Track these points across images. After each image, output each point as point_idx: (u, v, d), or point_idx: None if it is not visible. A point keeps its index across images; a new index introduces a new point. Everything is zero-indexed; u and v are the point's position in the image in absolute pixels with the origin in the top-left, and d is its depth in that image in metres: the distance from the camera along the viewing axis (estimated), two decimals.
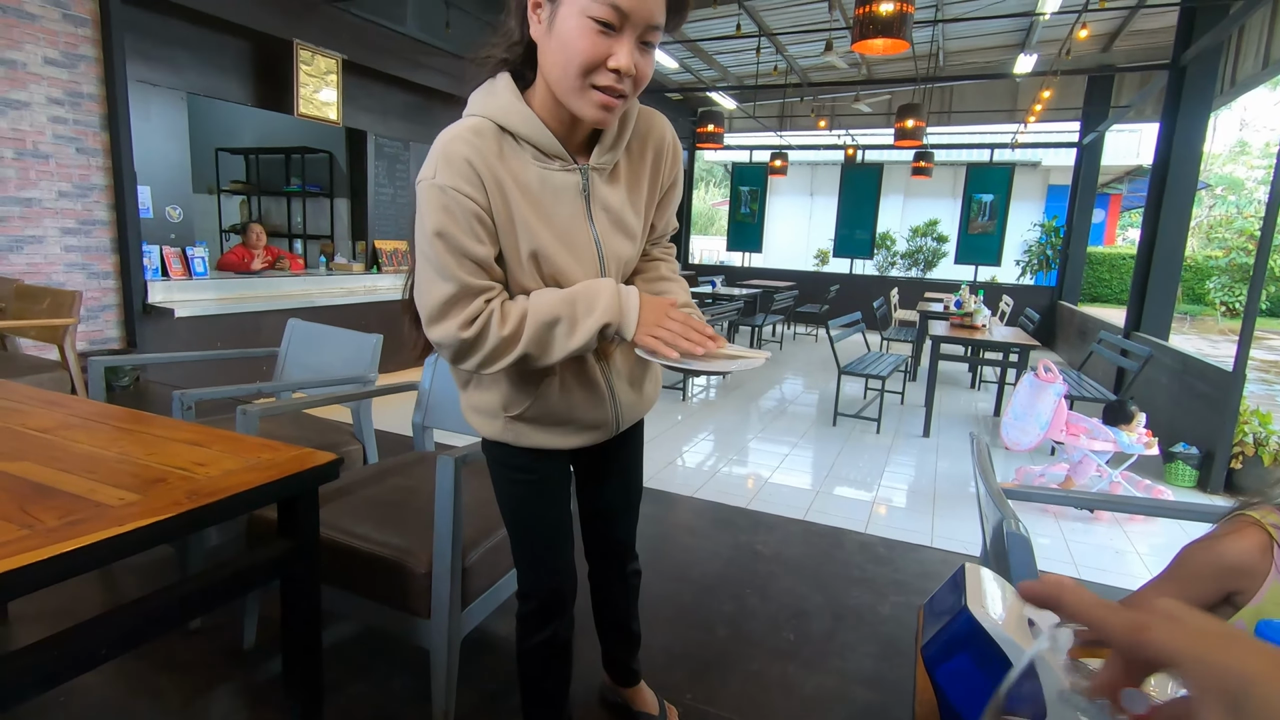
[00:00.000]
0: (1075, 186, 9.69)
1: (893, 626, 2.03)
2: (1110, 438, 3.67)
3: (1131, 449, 3.66)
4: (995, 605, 0.66)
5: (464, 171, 0.97)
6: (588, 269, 1.09)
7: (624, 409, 1.21)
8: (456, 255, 0.97)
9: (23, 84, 3.65)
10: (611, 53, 0.92)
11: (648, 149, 1.19)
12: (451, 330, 0.99)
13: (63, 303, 3.10)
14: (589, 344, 1.03)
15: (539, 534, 1.23)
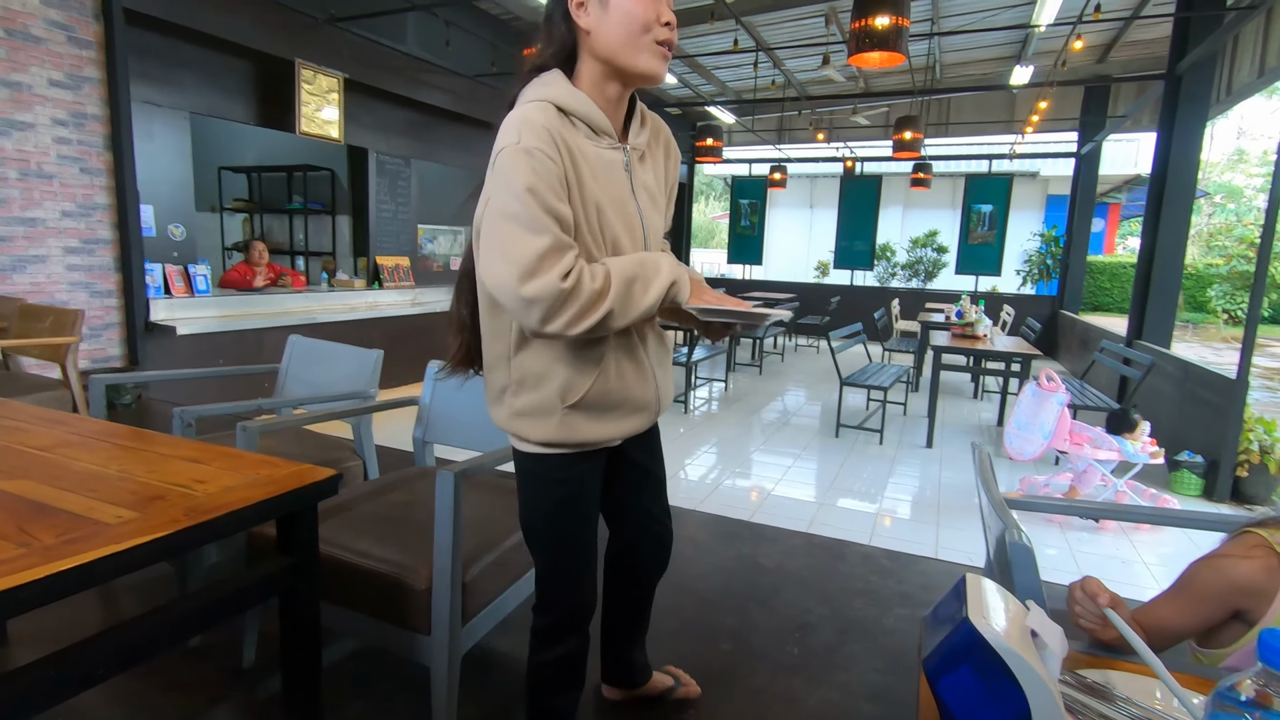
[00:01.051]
0: (1074, 196, 9.71)
1: (897, 639, 2.01)
2: (1114, 447, 3.65)
3: (1136, 458, 3.63)
4: (997, 616, 0.65)
5: (544, 138, 1.05)
6: (635, 241, 1.19)
7: (661, 390, 1.30)
8: (547, 211, 1.02)
9: (28, 105, 3.69)
10: (659, 11, 1.11)
11: (659, 144, 1.32)
12: (552, 281, 1.00)
13: (65, 321, 3.12)
14: (656, 305, 1.11)
15: (572, 547, 1.25)
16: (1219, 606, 0.97)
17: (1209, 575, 0.98)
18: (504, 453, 1.62)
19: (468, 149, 7.29)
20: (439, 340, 6.45)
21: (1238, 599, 0.95)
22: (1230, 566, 0.96)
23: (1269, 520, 1.00)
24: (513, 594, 1.67)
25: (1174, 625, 1.00)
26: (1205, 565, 1.00)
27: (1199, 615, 0.99)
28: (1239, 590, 0.95)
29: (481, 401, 2.04)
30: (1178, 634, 1.01)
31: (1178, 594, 1.01)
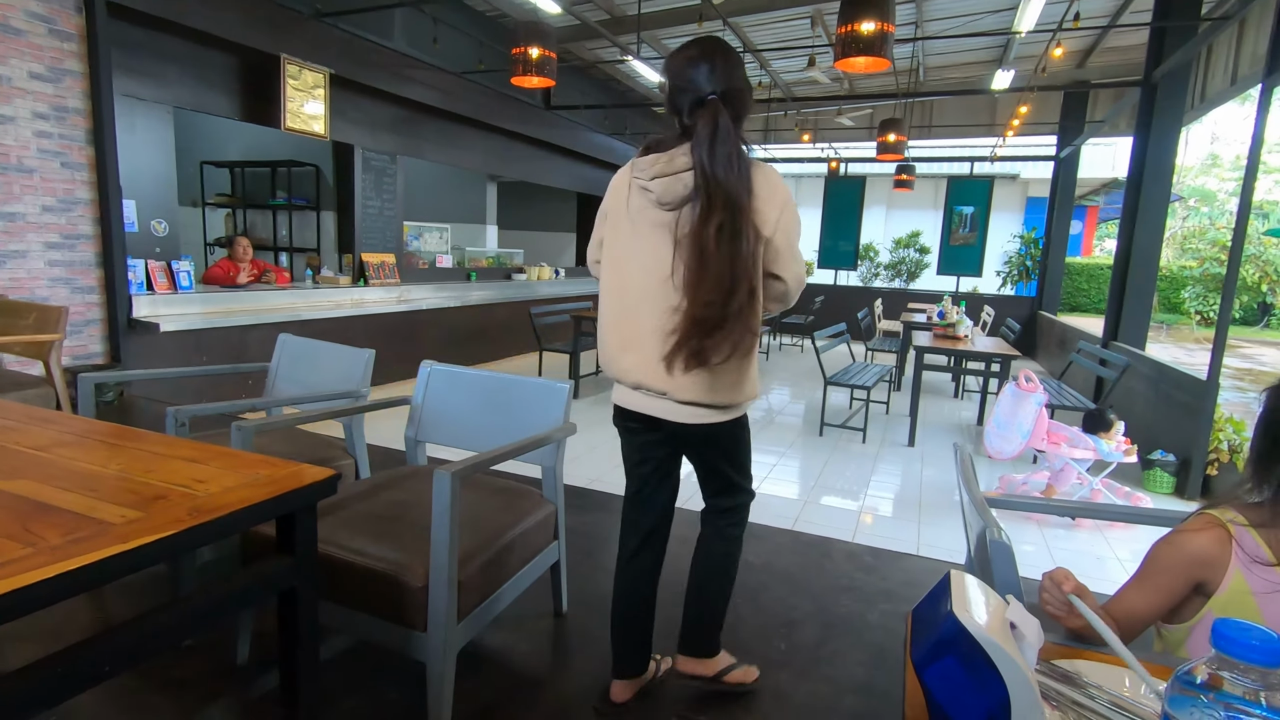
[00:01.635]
0: (1053, 198, 9.88)
1: (881, 634, 2.06)
2: (1090, 446, 3.75)
3: (1110, 457, 3.74)
4: (980, 610, 0.70)
5: None
6: None
7: None
8: None
9: (7, 98, 3.64)
10: None
11: None
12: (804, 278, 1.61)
13: (49, 318, 3.08)
14: None
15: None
16: (1180, 580, 1.05)
17: (1167, 550, 1.06)
18: (498, 453, 1.65)
19: (454, 145, 7.27)
20: (426, 337, 6.45)
21: (1195, 570, 1.03)
22: (1186, 540, 1.04)
23: (1217, 501, 1.08)
24: (506, 591, 1.69)
25: (1142, 609, 1.06)
26: (1163, 543, 1.07)
27: (1163, 593, 1.06)
28: (1195, 561, 1.03)
29: (473, 402, 2.06)
30: (1146, 617, 1.07)
31: (1142, 578, 1.08)
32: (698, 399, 1.53)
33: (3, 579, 0.87)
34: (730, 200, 1.39)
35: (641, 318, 1.53)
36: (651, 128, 10.78)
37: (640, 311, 1.53)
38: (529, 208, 11.87)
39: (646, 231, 1.52)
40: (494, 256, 9.14)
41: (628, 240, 1.56)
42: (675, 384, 1.52)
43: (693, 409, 1.55)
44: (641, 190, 1.52)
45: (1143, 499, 4.01)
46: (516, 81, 4.21)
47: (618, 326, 1.58)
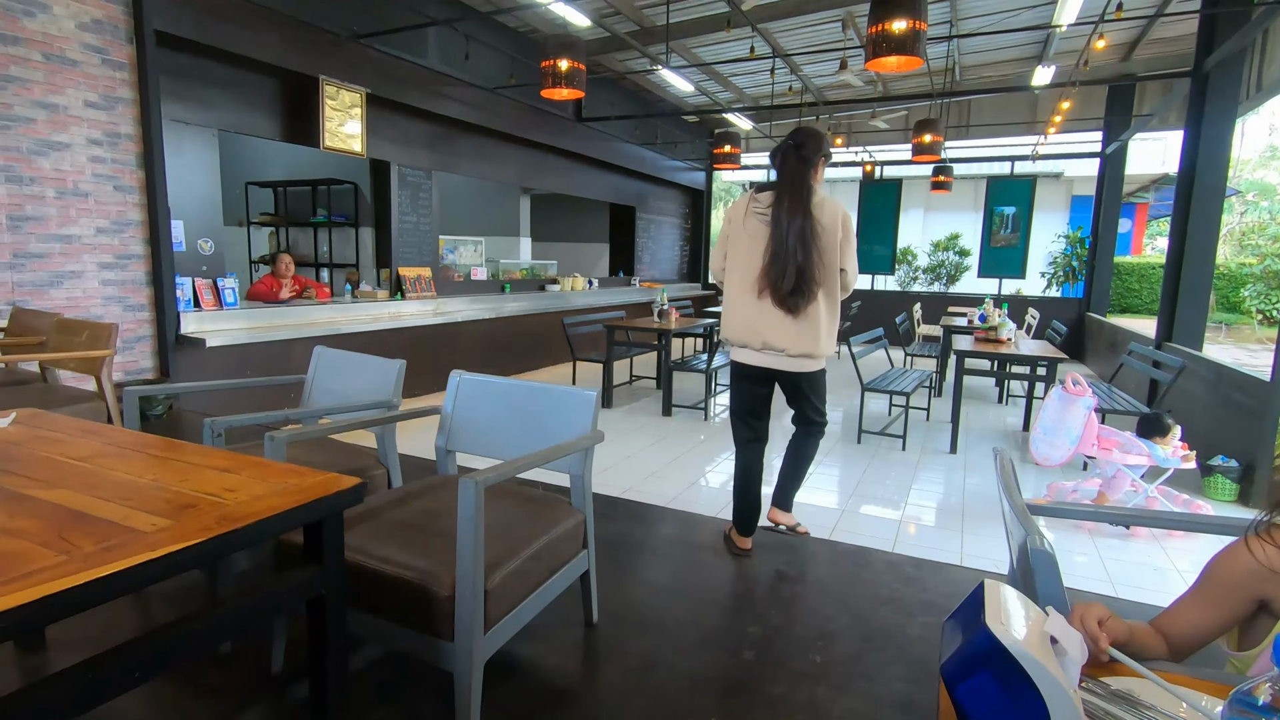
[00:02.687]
0: (1099, 196, 9.56)
1: (922, 648, 1.99)
2: (1144, 451, 3.59)
3: (1167, 463, 3.56)
4: (1017, 623, 0.65)
5: None
6: None
7: None
8: None
9: (64, 126, 3.82)
10: None
11: None
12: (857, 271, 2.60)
13: (100, 335, 3.21)
14: None
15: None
16: (1242, 594, 0.96)
17: (1229, 561, 0.98)
18: (525, 461, 1.64)
19: (488, 159, 7.38)
20: (461, 349, 6.53)
21: (1259, 584, 0.94)
22: (1248, 551, 0.95)
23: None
24: (534, 601, 1.68)
25: (1201, 624, 0.98)
26: (1224, 554, 0.99)
27: (1223, 606, 0.98)
28: (1259, 574, 0.94)
29: (501, 411, 2.07)
30: (1205, 633, 0.99)
31: (1201, 589, 1.00)
32: (803, 352, 2.55)
33: (35, 585, 0.89)
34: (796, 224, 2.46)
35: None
36: (682, 136, 10.79)
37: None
38: (562, 219, 11.97)
39: (762, 242, 2.52)
40: (528, 268, 9.23)
41: (747, 249, 2.56)
42: (790, 344, 2.54)
43: (798, 360, 2.57)
44: (758, 215, 2.54)
45: (1203, 507, 3.82)
46: (547, 94, 4.25)
47: (746, 308, 2.58)
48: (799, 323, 2.50)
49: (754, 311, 2.53)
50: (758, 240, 2.50)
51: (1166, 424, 3.65)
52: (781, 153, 2.51)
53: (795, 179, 2.44)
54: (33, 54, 3.65)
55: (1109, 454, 3.62)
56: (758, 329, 2.53)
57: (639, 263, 10.87)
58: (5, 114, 3.58)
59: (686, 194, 12.50)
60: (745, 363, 2.63)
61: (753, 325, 2.54)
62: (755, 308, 2.53)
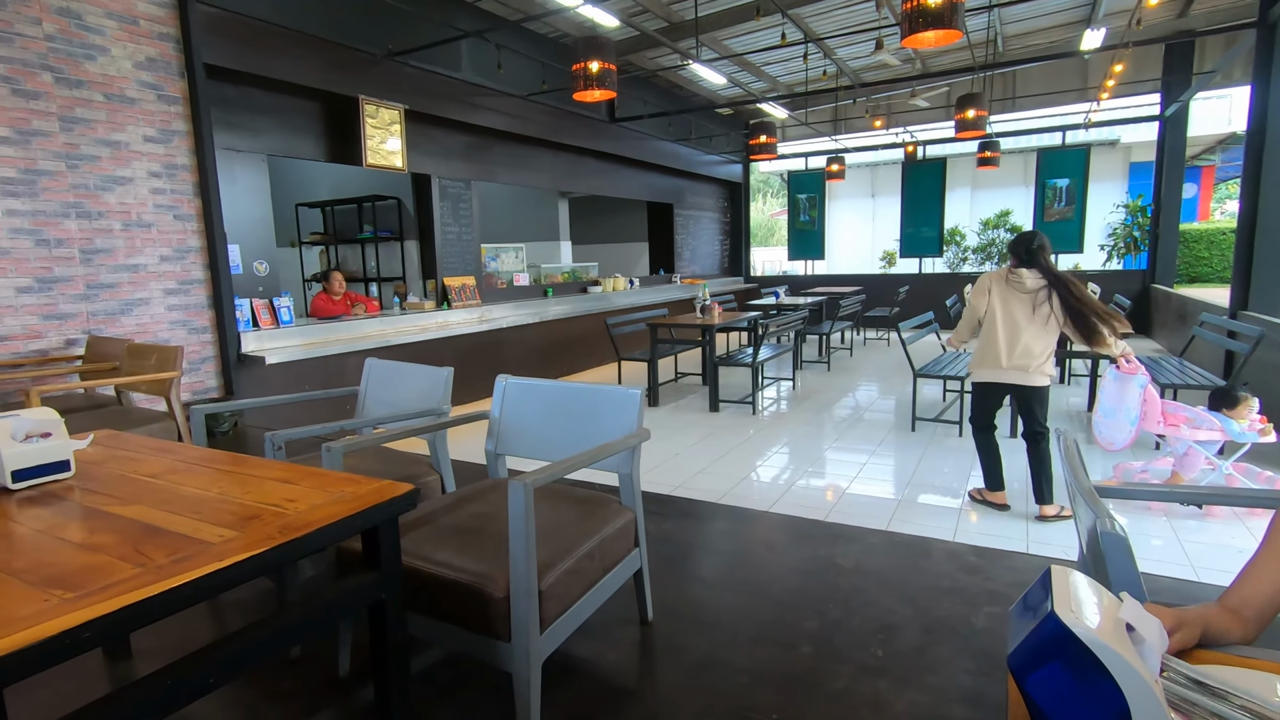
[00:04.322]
0: (1160, 162, 9.09)
1: (988, 639, 1.92)
2: (1216, 426, 3.40)
3: (1242, 438, 3.37)
4: (1089, 609, 0.62)
5: None
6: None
7: None
8: None
9: (126, 161, 4.02)
10: None
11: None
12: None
13: (167, 358, 3.37)
14: None
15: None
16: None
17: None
18: (572, 461, 1.65)
19: (524, 166, 7.47)
20: (508, 354, 6.62)
21: None
22: None
23: None
24: (589, 600, 1.69)
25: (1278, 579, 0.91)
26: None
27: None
28: None
29: (547, 413, 2.09)
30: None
31: (1272, 542, 0.93)
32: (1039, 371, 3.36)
33: (115, 596, 0.93)
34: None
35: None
36: (716, 130, 10.71)
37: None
38: (601, 221, 12.03)
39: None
40: (569, 271, 9.30)
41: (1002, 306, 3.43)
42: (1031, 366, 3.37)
43: (1034, 375, 3.36)
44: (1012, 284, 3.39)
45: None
46: (578, 97, 4.27)
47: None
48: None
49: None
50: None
51: (1237, 395, 3.46)
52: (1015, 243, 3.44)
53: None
54: (95, 95, 3.86)
55: (1177, 430, 3.43)
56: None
57: (679, 260, 10.83)
58: (73, 153, 3.79)
59: (724, 187, 12.40)
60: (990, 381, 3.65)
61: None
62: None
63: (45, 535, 1.17)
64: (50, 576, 1.00)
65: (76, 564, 1.04)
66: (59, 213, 3.76)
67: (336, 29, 5.09)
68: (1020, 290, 3.32)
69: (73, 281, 3.84)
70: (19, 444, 1.40)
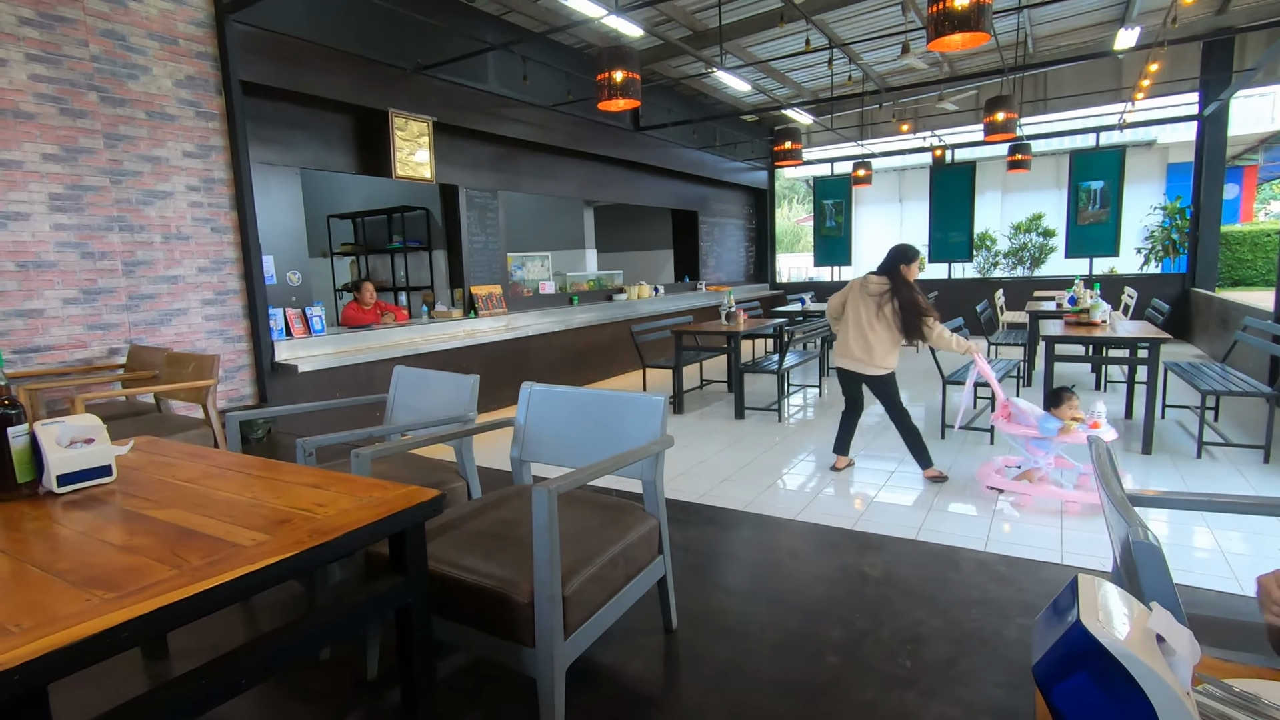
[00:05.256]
0: (1199, 162, 8.85)
1: (1020, 651, 1.88)
2: (1031, 422, 3.68)
3: (1046, 432, 3.59)
4: (1116, 619, 0.61)
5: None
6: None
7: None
8: None
9: (166, 177, 4.15)
10: None
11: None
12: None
13: (204, 366, 3.46)
14: None
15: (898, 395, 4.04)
16: None
17: None
18: (596, 468, 1.66)
19: (550, 176, 7.54)
20: (534, 362, 6.67)
21: None
22: None
23: None
24: (613, 607, 1.69)
25: None
26: None
27: None
28: None
29: (571, 420, 2.11)
30: None
31: None
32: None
33: (153, 597, 0.96)
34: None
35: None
36: (741, 136, 10.70)
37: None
38: (626, 228, 12.08)
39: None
40: (594, 279, 9.35)
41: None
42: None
43: (872, 366, 3.88)
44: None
45: (1090, 477, 3.72)
46: (603, 106, 4.30)
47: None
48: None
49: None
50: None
51: (1061, 395, 3.72)
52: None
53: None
54: (138, 113, 4.00)
55: (1001, 424, 3.82)
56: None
57: (704, 266, 10.82)
58: (117, 169, 3.93)
59: (749, 194, 12.37)
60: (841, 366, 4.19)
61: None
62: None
63: (87, 537, 1.22)
64: (92, 577, 1.04)
65: (117, 565, 1.08)
66: (103, 226, 3.89)
67: (367, 44, 5.21)
68: (867, 294, 3.87)
69: (115, 293, 3.97)
70: (64, 449, 1.45)
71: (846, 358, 3.96)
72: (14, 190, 3.55)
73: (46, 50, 3.62)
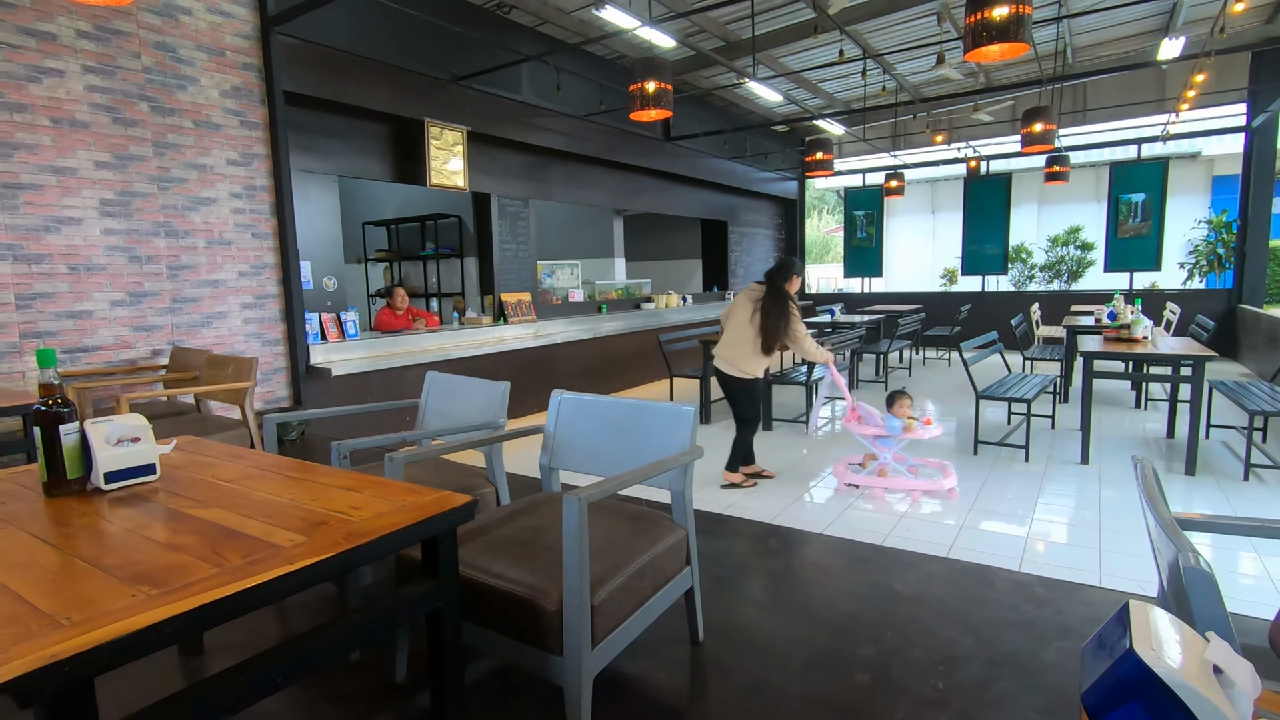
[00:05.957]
0: (1247, 175, 8.59)
1: (1058, 675, 1.82)
2: (878, 421, 4.05)
3: (892, 430, 3.99)
4: (1170, 648, 0.59)
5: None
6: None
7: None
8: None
9: (211, 183, 4.28)
10: None
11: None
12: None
13: (243, 369, 3.55)
14: None
15: (758, 404, 4.23)
16: None
17: None
18: (626, 477, 1.66)
19: (581, 185, 7.60)
20: (562, 369, 6.71)
21: None
22: None
23: None
24: (640, 617, 1.68)
25: None
26: None
27: None
28: None
29: (601, 428, 2.11)
30: None
31: None
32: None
33: (195, 595, 0.99)
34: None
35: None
36: (772, 147, 10.68)
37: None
38: (655, 238, 12.11)
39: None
40: (623, 288, 9.38)
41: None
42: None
43: (737, 369, 4.03)
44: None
45: (951, 470, 4.11)
46: (635, 116, 4.33)
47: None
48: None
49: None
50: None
51: (895, 396, 4.14)
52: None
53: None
54: (185, 122, 4.13)
55: (852, 425, 4.13)
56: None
57: (733, 277, 10.80)
58: (164, 176, 4.06)
59: (779, 204, 12.32)
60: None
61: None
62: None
63: (133, 534, 1.25)
64: (137, 573, 1.06)
65: (161, 562, 1.11)
66: (150, 231, 4.02)
67: (405, 56, 5.32)
68: (748, 300, 4.04)
69: (160, 296, 4.09)
70: (112, 448, 1.50)
71: (719, 358, 4.14)
72: (68, 196, 3.69)
73: (101, 62, 3.76)
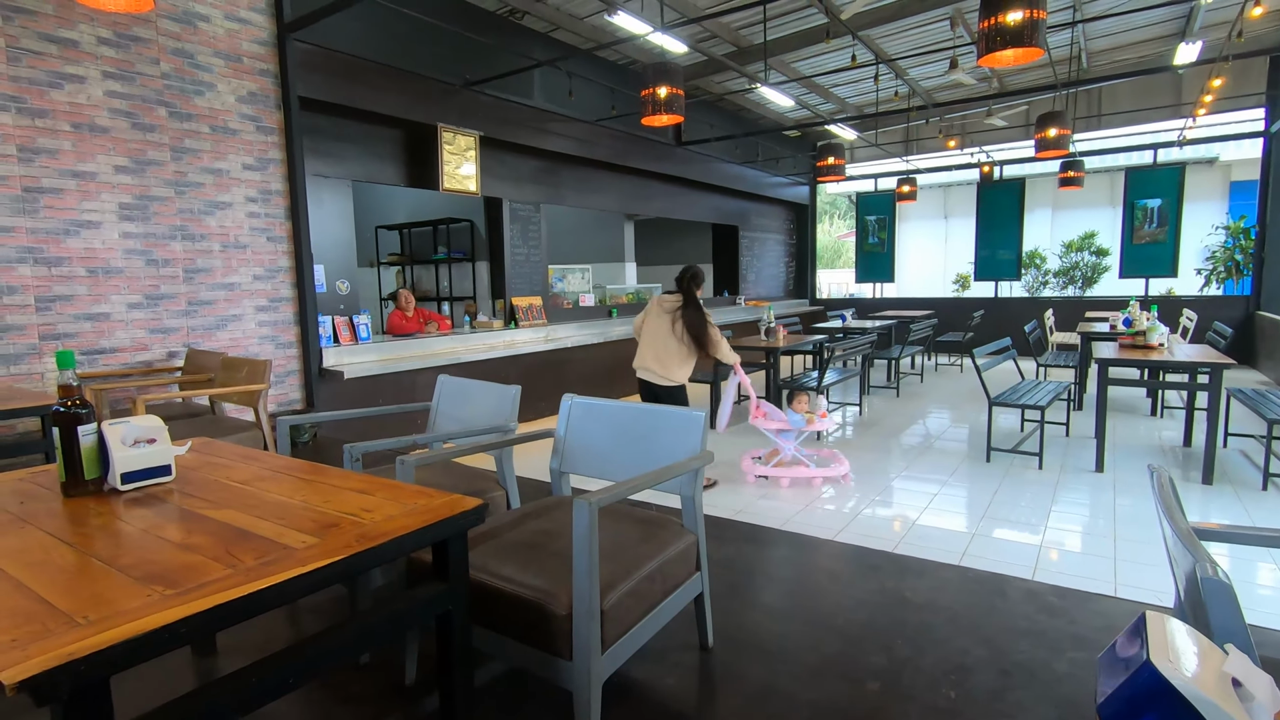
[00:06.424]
0: (1266, 180, 8.50)
1: (1072, 686, 1.80)
2: (782, 417, 4.35)
3: (795, 423, 4.33)
4: (1187, 659, 0.58)
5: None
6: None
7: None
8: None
9: (227, 188, 4.33)
10: None
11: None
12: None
13: (257, 371, 3.58)
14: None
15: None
16: None
17: None
18: (636, 482, 1.66)
19: (592, 190, 7.62)
20: (572, 374, 6.72)
21: None
22: None
23: None
24: (649, 623, 1.68)
25: None
26: None
27: None
28: None
29: (612, 433, 2.11)
30: None
31: None
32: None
33: (209, 595, 0.99)
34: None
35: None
36: (783, 152, 10.67)
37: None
38: (666, 242, 12.12)
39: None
40: (634, 292, 9.39)
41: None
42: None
43: (664, 377, 4.09)
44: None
45: (843, 459, 4.42)
46: (647, 122, 4.34)
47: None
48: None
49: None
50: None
51: (795, 395, 4.55)
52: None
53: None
54: (202, 127, 4.18)
55: (760, 421, 4.41)
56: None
57: (744, 281, 10.78)
58: (182, 181, 4.11)
59: (790, 209, 12.30)
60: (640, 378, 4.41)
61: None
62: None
63: (148, 534, 1.26)
64: (152, 573, 1.08)
65: (175, 563, 1.12)
66: (167, 235, 4.07)
67: (419, 61, 5.36)
68: (663, 310, 4.11)
69: (176, 298, 4.14)
70: (128, 449, 1.52)
71: (643, 369, 4.15)
72: (88, 200, 3.74)
73: (121, 68, 3.82)
